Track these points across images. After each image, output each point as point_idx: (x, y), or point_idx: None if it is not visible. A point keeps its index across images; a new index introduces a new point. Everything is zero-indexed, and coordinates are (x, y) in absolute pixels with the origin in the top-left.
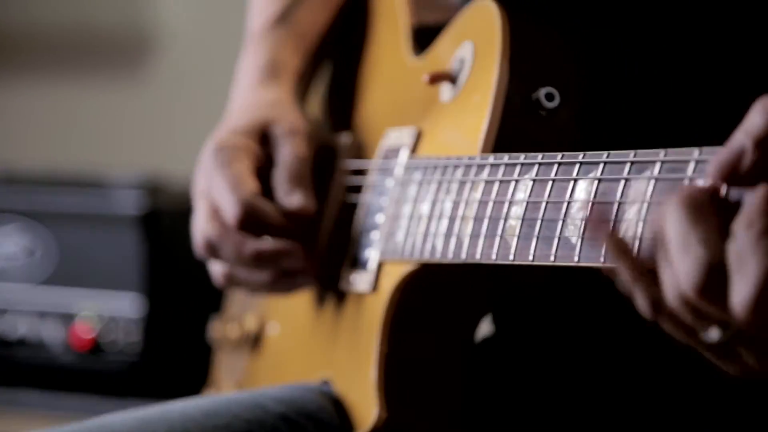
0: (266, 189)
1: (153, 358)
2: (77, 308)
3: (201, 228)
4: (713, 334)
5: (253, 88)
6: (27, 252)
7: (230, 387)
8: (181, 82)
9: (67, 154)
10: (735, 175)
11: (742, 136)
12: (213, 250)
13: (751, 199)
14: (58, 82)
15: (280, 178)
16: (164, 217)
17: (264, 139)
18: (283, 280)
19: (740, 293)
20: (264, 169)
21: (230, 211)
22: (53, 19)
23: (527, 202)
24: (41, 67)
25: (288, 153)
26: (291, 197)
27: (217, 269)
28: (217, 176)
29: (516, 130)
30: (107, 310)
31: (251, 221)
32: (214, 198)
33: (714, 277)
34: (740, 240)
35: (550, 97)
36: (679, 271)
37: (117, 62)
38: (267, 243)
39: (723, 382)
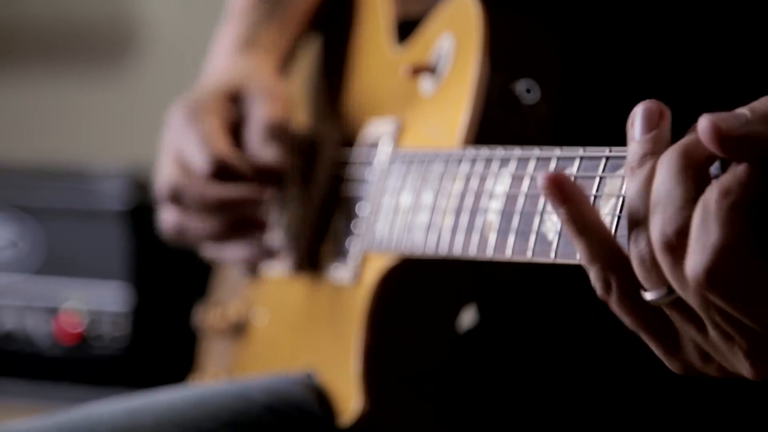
0: (238, 147)
1: (140, 350)
2: (64, 300)
3: (166, 173)
4: (657, 292)
5: (230, 56)
6: (14, 244)
7: (216, 373)
8: (167, 75)
9: (54, 146)
10: (725, 137)
11: (746, 109)
12: (175, 196)
13: (735, 168)
14: (45, 76)
15: (254, 133)
16: (151, 209)
17: (237, 99)
18: (235, 234)
19: (696, 259)
20: (236, 128)
21: (200, 164)
22: (39, 13)
23: (506, 196)
24: (28, 61)
25: (263, 110)
26: (266, 150)
27: (169, 217)
28: (188, 132)
29: (496, 123)
30: (95, 302)
31: (221, 174)
32: (183, 152)
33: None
34: (711, 205)
35: (529, 89)
36: (655, 223)
37: (104, 55)
38: (231, 189)
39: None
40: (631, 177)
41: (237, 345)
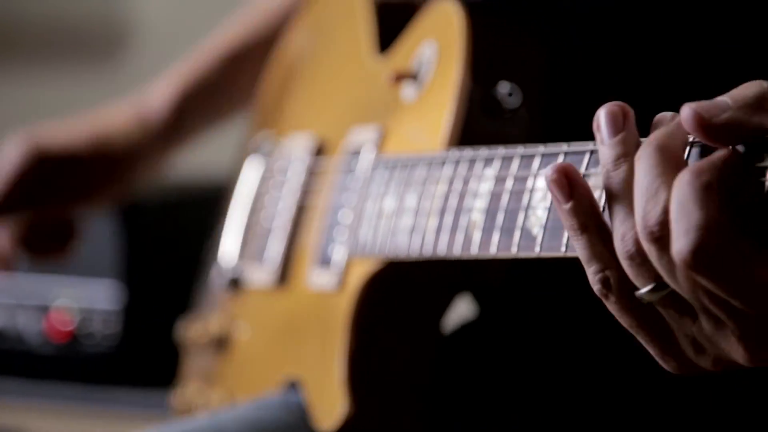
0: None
1: (131, 348)
2: (55, 298)
3: None
4: (648, 288)
5: (121, 110)
6: None
7: (199, 387)
8: (160, 75)
9: None
10: (707, 125)
11: (726, 97)
12: None
13: (714, 153)
14: (39, 75)
15: None
16: (144, 208)
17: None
18: None
19: (681, 241)
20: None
21: None
22: (34, 12)
23: (491, 195)
24: (22, 60)
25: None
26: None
27: None
28: None
29: (479, 127)
30: (86, 300)
31: None
32: None
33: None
34: (685, 187)
35: (511, 93)
36: (638, 216)
37: (99, 55)
38: None
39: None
40: (608, 179)
41: (219, 359)
